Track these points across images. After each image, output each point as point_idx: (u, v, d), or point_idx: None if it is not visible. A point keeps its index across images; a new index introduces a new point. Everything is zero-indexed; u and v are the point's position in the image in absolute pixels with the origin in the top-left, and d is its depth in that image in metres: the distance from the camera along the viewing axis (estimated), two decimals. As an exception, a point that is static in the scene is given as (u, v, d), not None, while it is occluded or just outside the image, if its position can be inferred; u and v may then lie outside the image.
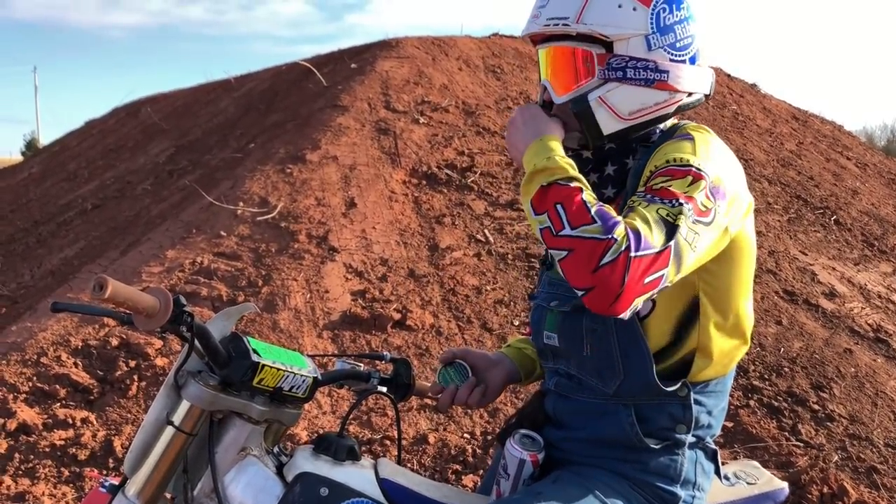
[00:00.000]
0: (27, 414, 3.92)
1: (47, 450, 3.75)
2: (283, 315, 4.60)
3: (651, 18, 1.38)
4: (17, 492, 3.56)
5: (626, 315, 1.21)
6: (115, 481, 1.56)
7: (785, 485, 1.67)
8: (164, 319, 1.27)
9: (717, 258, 1.33)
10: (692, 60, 1.42)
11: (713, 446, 1.50)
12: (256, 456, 1.52)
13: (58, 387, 4.10)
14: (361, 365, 1.76)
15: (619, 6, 1.37)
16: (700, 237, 1.24)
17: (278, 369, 1.49)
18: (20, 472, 3.66)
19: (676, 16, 1.39)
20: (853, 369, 4.78)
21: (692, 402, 1.39)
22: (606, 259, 1.15)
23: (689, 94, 1.43)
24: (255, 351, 1.48)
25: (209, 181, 6.48)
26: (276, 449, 1.57)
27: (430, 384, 1.82)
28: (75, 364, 4.29)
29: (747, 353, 4.72)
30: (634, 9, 1.37)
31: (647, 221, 1.20)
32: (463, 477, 3.57)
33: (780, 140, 8.99)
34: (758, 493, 1.61)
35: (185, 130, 9.21)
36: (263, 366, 1.47)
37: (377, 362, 1.83)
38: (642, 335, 1.36)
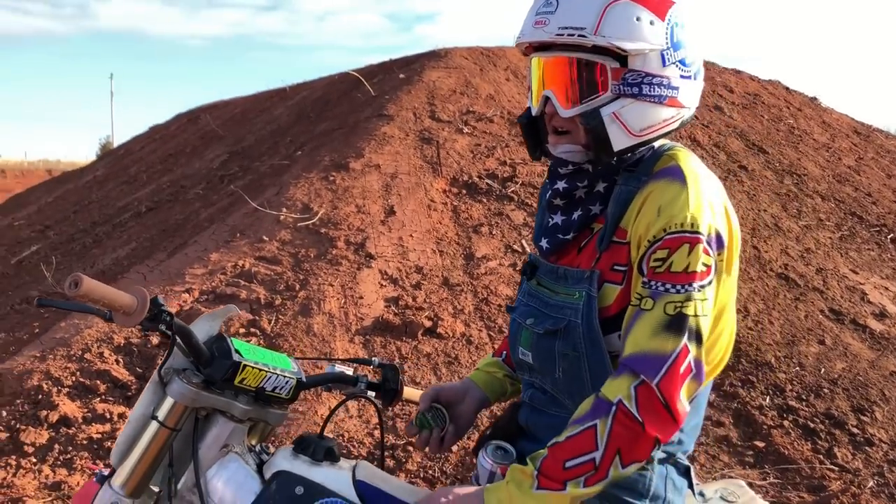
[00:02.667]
0: (69, 407, 4.09)
1: (85, 442, 3.90)
2: (317, 319, 4.68)
3: (667, 32, 1.35)
4: (55, 481, 3.72)
5: (688, 407, 1.29)
6: (107, 472, 1.63)
7: (766, 505, 1.64)
8: (141, 317, 1.33)
9: None
10: (695, 76, 1.41)
11: (685, 462, 1.48)
12: (238, 453, 1.57)
13: (98, 382, 4.25)
14: (350, 370, 1.80)
15: (638, 19, 1.33)
16: (708, 299, 1.29)
17: (260, 370, 1.54)
18: (58, 463, 3.81)
19: (686, 31, 1.38)
20: (899, 393, 4.61)
21: None
22: (639, 415, 1.24)
23: (689, 110, 1.43)
24: (237, 351, 1.53)
25: (256, 187, 6.64)
26: (258, 447, 1.62)
27: (420, 391, 1.85)
28: (116, 361, 4.45)
29: (784, 373, 4.61)
30: (652, 22, 1.33)
31: (653, 335, 1.26)
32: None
33: (837, 155, 8.74)
34: (736, 513, 1.58)
35: (240, 137, 9.45)
36: (245, 366, 1.52)
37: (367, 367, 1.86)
38: (611, 367, 1.37)
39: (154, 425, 1.52)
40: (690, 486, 1.50)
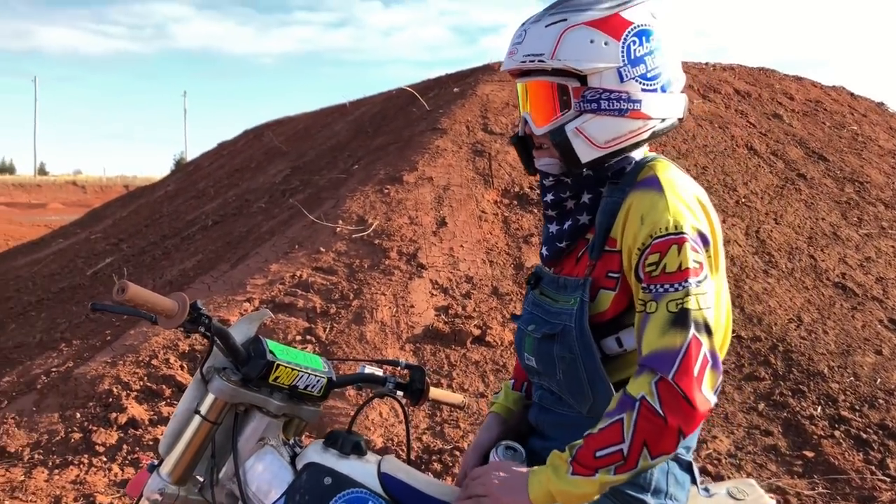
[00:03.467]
0: (136, 410, 4.34)
1: (150, 443, 4.13)
2: (369, 327, 4.84)
3: (622, 51, 1.45)
4: (123, 479, 3.96)
5: (716, 400, 1.36)
6: (157, 462, 1.79)
7: (773, 502, 1.69)
8: (181, 319, 1.48)
9: None
10: (663, 89, 1.50)
11: (687, 458, 1.56)
12: (273, 446, 1.71)
13: (164, 386, 4.50)
14: (380, 370, 1.92)
15: (591, 41, 1.45)
16: (707, 292, 1.37)
17: (292, 369, 1.68)
18: (126, 462, 4.06)
19: (646, 47, 1.47)
20: (959, 405, 4.50)
21: None
22: (661, 410, 1.31)
23: (663, 121, 1.51)
24: (272, 352, 1.67)
25: (315, 200, 6.87)
26: (292, 441, 1.76)
27: (445, 392, 1.97)
28: (181, 367, 4.69)
29: (837, 382, 4.56)
30: (606, 43, 1.45)
31: (662, 333, 1.34)
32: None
33: (904, 161, 8.50)
34: (742, 510, 1.64)
35: (302, 152, 9.76)
36: (278, 365, 1.66)
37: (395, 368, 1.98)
38: (603, 373, 1.47)
39: (197, 419, 1.67)
40: (694, 481, 1.57)
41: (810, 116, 8.87)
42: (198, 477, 1.73)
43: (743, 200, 6.68)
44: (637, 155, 1.54)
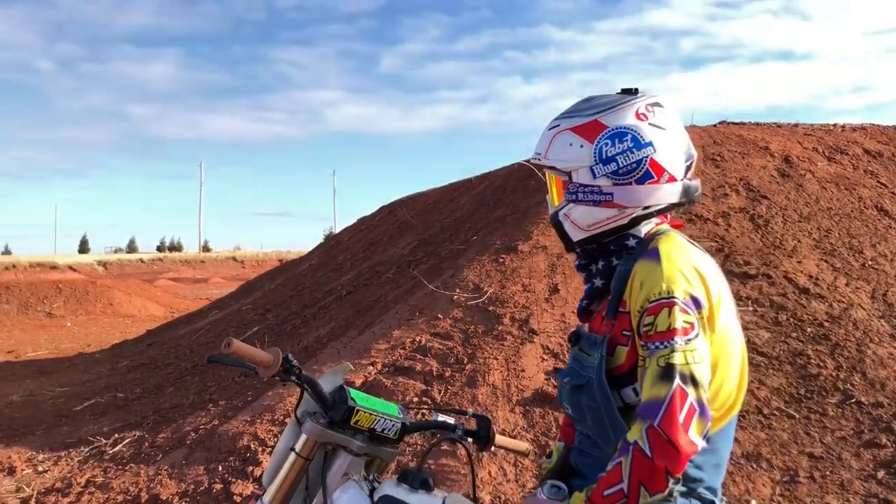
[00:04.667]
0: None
1: (280, 494, 4.54)
2: (481, 390, 5.10)
3: (594, 152, 1.73)
4: (255, 526, 4.37)
5: (705, 444, 1.56)
6: (261, 492, 2.13)
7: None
8: (276, 369, 1.83)
9: None
10: (640, 181, 1.73)
11: (709, 497, 1.71)
12: (356, 480, 2.01)
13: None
14: (451, 419, 2.20)
15: (570, 144, 1.75)
16: (697, 349, 1.59)
17: (370, 414, 1.99)
18: (259, 511, 4.47)
19: (618, 147, 1.72)
20: None
21: None
22: (650, 453, 1.52)
23: (646, 208, 1.74)
24: (353, 399, 1.99)
25: (436, 270, 7.28)
26: (372, 477, 2.05)
27: (511, 439, 2.22)
28: (310, 425, 5.11)
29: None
30: (581, 146, 1.74)
31: (651, 386, 1.56)
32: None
33: None
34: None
35: (429, 225, 10.30)
36: (358, 410, 1.97)
37: (463, 417, 2.25)
38: (622, 420, 1.68)
39: (293, 456, 2.00)
40: None
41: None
42: None
43: (870, 263, 6.47)
44: (645, 228, 1.77)
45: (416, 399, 5.12)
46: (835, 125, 9.21)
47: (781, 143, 8.55)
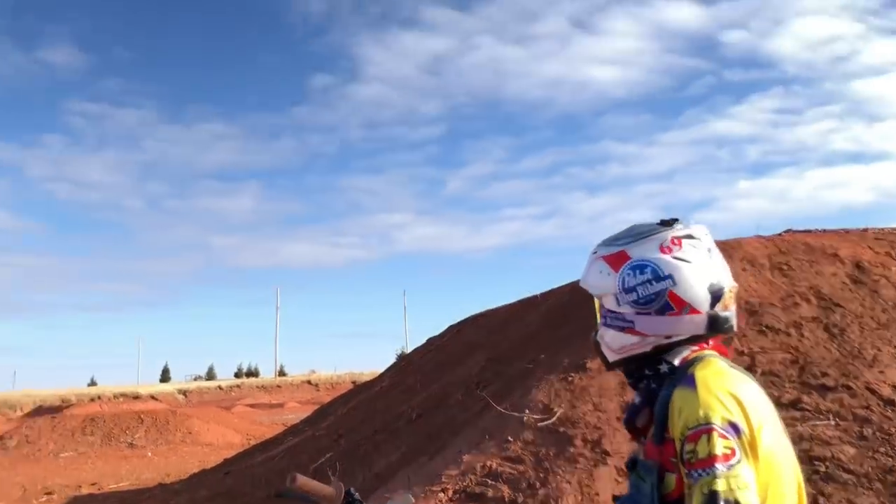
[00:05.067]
0: None
1: None
2: (555, 516, 5.00)
3: (619, 281, 1.81)
4: None
5: None
6: None
7: None
8: (339, 502, 1.91)
9: None
10: (661, 311, 1.79)
11: None
12: None
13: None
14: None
15: (601, 272, 1.85)
16: (740, 475, 1.60)
17: (432, 546, 2.03)
18: None
19: (639, 279, 1.79)
20: None
21: None
22: None
23: (668, 337, 1.81)
24: (412, 530, 2.04)
25: (505, 390, 7.27)
26: None
27: None
28: (382, 555, 5.07)
29: None
30: (609, 274, 1.83)
31: None
32: None
33: None
34: None
35: (496, 344, 10.33)
36: (420, 543, 2.02)
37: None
38: None
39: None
40: None
41: None
42: None
43: (957, 369, 6.18)
44: (681, 355, 1.83)
45: (488, 526, 5.04)
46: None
47: (851, 248, 8.40)
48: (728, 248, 8.79)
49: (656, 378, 1.85)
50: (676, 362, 1.85)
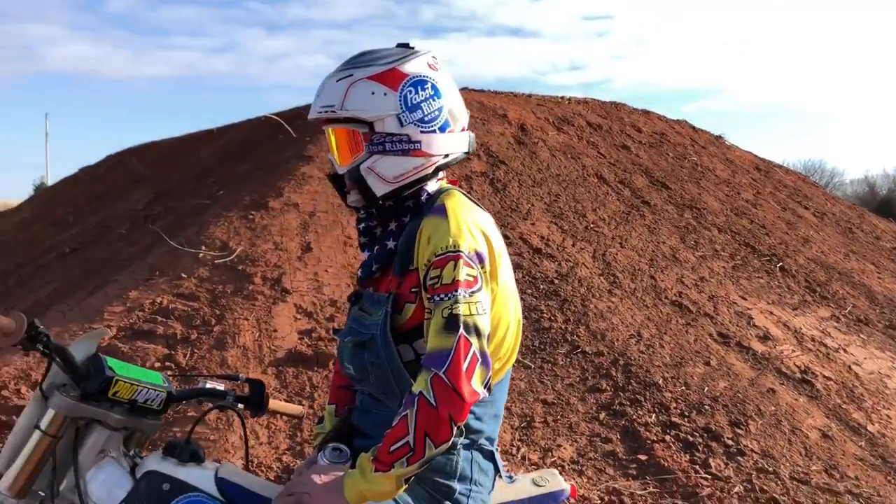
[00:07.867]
0: (-18, 443, 4.20)
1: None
2: (231, 352, 4.89)
3: (399, 100, 1.70)
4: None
5: (486, 393, 1.59)
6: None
7: (567, 486, 1.94)
8: (19, 337, 1.58)
9: None
10: (442, 129, 1.75)
11: (489, 448, 1.79)
12: (114, 457, 1.81)
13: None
14: (221, 385, 2.06)
15: (373, 93, 1.69)
16: (480, 301, 1.62)
17: (131, 384, 1.79)
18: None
19: (421, 95, 1.72)
20: (773, 408, 5.03)
21: None
22: (435, 402, 1.52)
23: (446, 156, 1.76)
24: (111, 368, 1.78)
25: (178, 226, 6.82)
26: (132, 452, 1.86)
27: (285, 403, 2.13)
28: (32, 397, 4.57)
29: (670, 392, 5.00)
30: (385, 94, 1.70)
31: (436, 336, 1.57)
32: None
33: (737, 190, 9.35)
34: (540, 494, 1.89)
35: (165, 178, 9.61)
36: (117, 380, 1.77)
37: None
38: (407, 374, 1.68)
39: (37, 434, 1.75)
40: (497, 470, 1.80)
41: (655, 148, 9.60)
42: (38, 492, 1.80)
43: (591, 226, 7.18)
44: (432, 186, 1.78)
45: (158, 365, 4.78)
46: (563, 98, 10.03)
47: (518, 111, 9.12)
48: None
49: (412, 211, 1.77)
50: (431, 190, 1.79)
